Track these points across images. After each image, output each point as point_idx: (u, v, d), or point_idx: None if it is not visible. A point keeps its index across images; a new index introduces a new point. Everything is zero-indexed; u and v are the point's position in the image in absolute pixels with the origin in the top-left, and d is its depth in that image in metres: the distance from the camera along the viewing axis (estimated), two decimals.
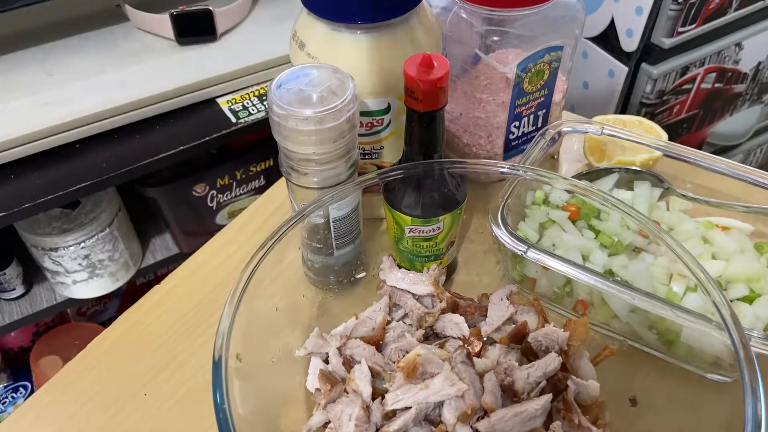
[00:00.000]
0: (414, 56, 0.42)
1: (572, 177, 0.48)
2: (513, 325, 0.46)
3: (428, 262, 0.51)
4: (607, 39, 1.04)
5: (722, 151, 1.31)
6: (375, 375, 0.43)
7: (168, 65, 0.89)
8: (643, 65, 1.03)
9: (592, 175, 0.58)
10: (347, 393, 0.41)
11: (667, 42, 0.97)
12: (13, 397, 1.17)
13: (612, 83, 1.08)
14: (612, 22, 1.02)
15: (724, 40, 1.04)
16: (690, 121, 1.19)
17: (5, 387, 1.18)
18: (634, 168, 0.57)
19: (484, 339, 0.46)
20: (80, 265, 0.96)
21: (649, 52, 1.01)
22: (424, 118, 0.44)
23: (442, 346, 0.45)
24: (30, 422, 0.49)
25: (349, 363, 0.43)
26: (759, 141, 1.35)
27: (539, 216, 0.53)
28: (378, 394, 0.41)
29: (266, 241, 0.41)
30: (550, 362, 0.41)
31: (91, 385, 0.50)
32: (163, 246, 1.09)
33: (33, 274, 1.04)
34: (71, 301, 1.03)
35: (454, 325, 0.46)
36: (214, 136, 0.87)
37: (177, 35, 0.91)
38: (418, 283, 0.47)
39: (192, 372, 0.51)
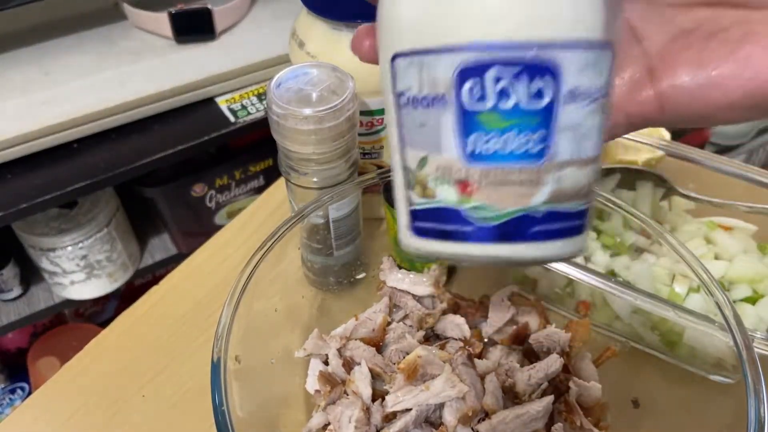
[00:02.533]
0: None
1: None
2: (514, 326, 0.46)
3: (429, 262, 0.50)
4: None
5: (725, 150, 1.31)
6: (375, 376, 0.42)
7: (166, 64, 0.89)
8: None
9: None
10: (347, 394, 0.41)
11: None
12: (10, 398, 1.17)
13: None
14: None
15: None
16: None
17: (3, 388, 1.18)
18: (636, 168, 0.56)
19: (485, 340, 0.46)
20: (78, 265, 0.95)
21: None
22: None
23: (442, 348, 0.44)
24: (28, 424, 0.48)
25: (349, 364, 0.43)
26: (762, 140, 1.35)
27: None
28: (378, 395, 0.41)
29: (265, 241, 0.41)
30: (552, 364, 0.41)
31: (89, 387, 0.50)
32: (161, 246, 1.09)
33: (30, 275, 1.03)
34: (69, 302, 1.03)
35: (455, 326, 0.46)
36: (213, 135, 0.86)
37: (175, 34, 0.91)
38: (419, 283, 0.47)
39: (191, 373, 0.50)
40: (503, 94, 0.20)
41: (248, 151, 1.02)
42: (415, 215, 0.23)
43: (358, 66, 0.47)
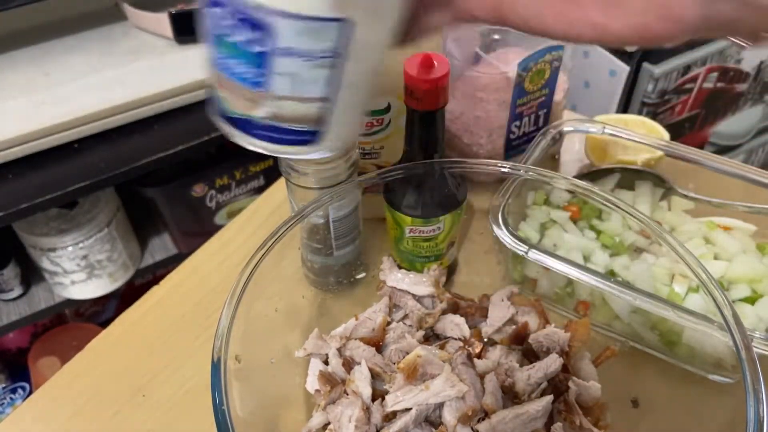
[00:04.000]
0: (414, 56, 0.41)
1: (573, 177, 0.48)
2: (514, 326, 0.46)
3: (428, 262, 0.50)
4: None
5: (724, 150, 1.31)
6: (375, 376, 0.42)
7: (166, 64, 0.89)
8: (645, 64, 1.02)
9: (593, 175, 0.57)
10: (347, 394, 0.41)
11: None
12: (11, 398, 1.17)
13: (613, 82, 1.08)
14: None
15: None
16: (692, 121, 1.19)
17: (3, 388, 1.18)
18: (635, 168, 0.56)
19: (485, 340, 0.46)
20: (78, 265, 0.95)
21: (650, 51, 1.00)
22: (424, 117, 0.43)
23: (442, 347, 0.44)
24: (28, 423, 0.48)
25: (348, 364, 0.43)
26: (761, 140, 1.35)
27: (540, 216, 0.53)
28: (378, 395, 0.41)
29: (265, 241, 0.41)
30: (551, 363, 0.41)
31: (89, 387, 0.50)
32: (161, 246, 1.09)
33: (31, 275, 1.03)
34: (69, 302, 1.03)
35: (455, 326, 0.46)
36: (213, 135, 0.86)
37: (176, 34, 0.91)
38: (419, 283, 0.47)
39: (191, 373, 0.50)
40: (229, 30, 0.26)
41: (248, 151, 1.01)
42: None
43: None
